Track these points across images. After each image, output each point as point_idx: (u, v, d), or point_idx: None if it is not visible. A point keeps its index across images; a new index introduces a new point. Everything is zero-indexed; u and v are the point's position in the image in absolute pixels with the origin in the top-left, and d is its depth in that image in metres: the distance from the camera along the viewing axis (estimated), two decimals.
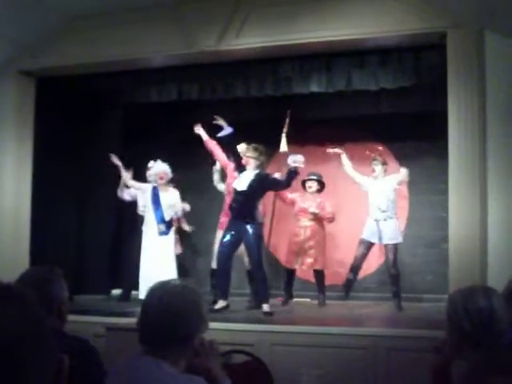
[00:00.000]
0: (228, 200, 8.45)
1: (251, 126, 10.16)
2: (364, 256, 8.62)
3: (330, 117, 10.25)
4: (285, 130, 8.67)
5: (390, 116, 9.89)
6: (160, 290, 2.52)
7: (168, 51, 8.17)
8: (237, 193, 7.85)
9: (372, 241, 8.56)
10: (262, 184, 7.89)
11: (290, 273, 9.23)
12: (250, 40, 7.82)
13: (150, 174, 9.03)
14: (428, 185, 9.67)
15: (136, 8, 8.10)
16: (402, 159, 10.16)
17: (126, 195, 9.49)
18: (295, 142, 10.01)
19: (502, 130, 7.04)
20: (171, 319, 2.42)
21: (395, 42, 7.66)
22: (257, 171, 7.89)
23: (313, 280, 9.23)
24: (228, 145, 8.11)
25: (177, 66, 8.67)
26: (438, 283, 9.50)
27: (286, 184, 7.95)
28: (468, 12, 6.99)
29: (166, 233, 8.88)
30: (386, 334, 6.28)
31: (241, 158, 8.02)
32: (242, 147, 8.29)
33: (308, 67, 8.38)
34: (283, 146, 8.57)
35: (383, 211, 8.50)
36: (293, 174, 7.75)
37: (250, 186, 7.78)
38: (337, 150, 8.85)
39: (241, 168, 7.99)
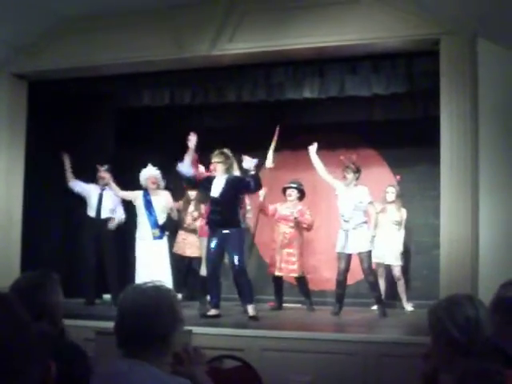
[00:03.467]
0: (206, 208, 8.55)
1: (243, 132, 10.18)
2: (347, 269, 8.51)
3: (323, 123, 10.25)
4: (273, 145, 8.67)
5: (383, 122, 9.90)
6: (133, 293, 2.55)
7: (161, 56, 8.16)
8: (213, 201, 7.87)
9: (346, 252, 8.49)
10: (234, 188, 7.87)
11: (277, 279, 9.23)
12: (243, 45, 7.82)
13: (141, 178, 9.06)
14: (420, 191, 9.68)
15: (129, 12, 8.09)
16: (394, 165, 10.19)
17: (77, 187, 9.57)
18: (287, 147, 10.05)
19: (494, 137, 7.05)
20: (145, 320, 2.44)
21: (388, 48, 7.66)
22: (226, 176, 7.89)
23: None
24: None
25: (169, 71, 8.65)
26: (428, 289, 9.51)
27: (255, 189, 7.96)
28: (461, 19, 7.01)
29: (160, 237, 8.93)
30: (376, 340, 6.28)
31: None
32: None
33: (301, 73, 8.38)
34: (269, 163, 8.56)
35: (346, 221, 8.47)
36: (255, 178, 7.78)
37: (222, 192, 7.80)
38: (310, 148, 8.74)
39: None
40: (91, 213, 9.56)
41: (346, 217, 8.46)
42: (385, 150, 10.31)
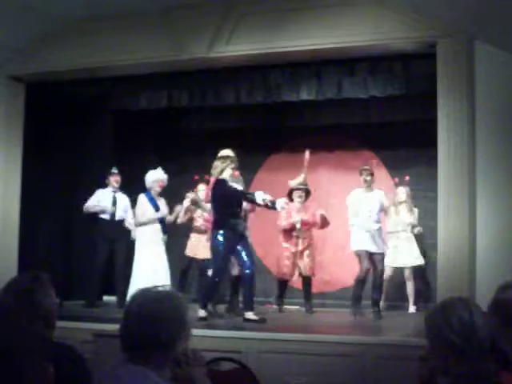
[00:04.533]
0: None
1: (240, 134, 10.19)
2: (370, 268, 8.50)
3: (320, 124, 10.26)
4: (306, 164, 9.00)
5: (380, 124, 9.92)
6: (141, 297, 2.50)
7: (158, 58, 8.15)
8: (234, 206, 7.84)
9: (370, 250, 8.45)
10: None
11: (284, 282, 9.20)
12: (240, 47, 7.82)
13: (148, 180, 8.91)
14: (417, 193, 9.68)
15: (126, 14, 8.09)
16: (392, 167, 10.19)
17: (92, 207, 9.52)
18: (285, 149, 10.05)
19: (491, 139, 7.06)
20: (152, 325, 2.40)
21: (385, 51, 7.67)
22: (233, 180, 7.90)
23: (301, 287, 9.22)
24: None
25: (167, 73, 8.66)
26: (426, 291, 9.52)
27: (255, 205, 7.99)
28: (458, 22, 7.02)
29: (166, 242, 8.90)
30: (374, 342, 6.27)
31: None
32: (226, 153, 8.29)
33: (298, 75, 8.39)
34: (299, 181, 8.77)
35: (372, 221, 8.50)
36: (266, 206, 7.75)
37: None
38: None
39: None
40: (105, 215, 9.51)
41: (373, 219, 8.51)
42: (382, 151, 10.32)
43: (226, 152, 8.17)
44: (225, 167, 7.82)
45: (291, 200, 9.16)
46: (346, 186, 9.26)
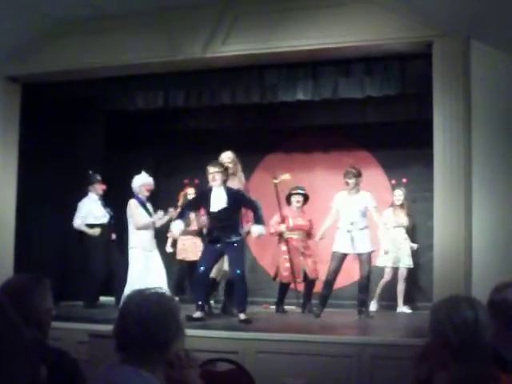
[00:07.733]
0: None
1: (237, 134, 10.18)
2: (338, 269, 8.45)
3: (316, 125, 10.26)
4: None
5: (376, 124, 9.92)
6: (137, 298, 2.51)
7: (154, 58, 8.14)
8: (213, 217, 7.84)
9: (345, 252, 8.42)
10: (239, 201, 7.88)
11: (286, 285, 9.20)
12: (236, 47, 7.81)
13: (134, 185, 8.83)
14: (413, 193, 9.69)
15: (122, 15, 8.08)
16: (388, 167, 10.19)
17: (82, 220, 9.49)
18: (281, 149, 10.03)
19: (487, 138, 7.06)
20: (149, 327, 2.41)
21: (381, 51, 7.66)
22: (223, 188, 7.83)
23: (296, 288, 9.23)
24: None
25: (163, 73, 8.64)
26: (422, 291, 9.53)
27: (258, 222, 7.92)
28: (454, 21, 7.01)
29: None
30: (371, 342, 6.28)
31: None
32: (227, 156, 8.30)
33: (294, 75, 8.37)
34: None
35: (352, 223, 8.41)
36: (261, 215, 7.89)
37: (226, 207, 7.76)
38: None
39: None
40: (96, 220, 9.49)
41: (353, 221, 8.42)
42: (378, 151, 10.32)
43: (221, 157, 8.22)
44: (212, 173, 7.84)
45: (289, 204, 9.22)
46: (342, 187, 9.25)
